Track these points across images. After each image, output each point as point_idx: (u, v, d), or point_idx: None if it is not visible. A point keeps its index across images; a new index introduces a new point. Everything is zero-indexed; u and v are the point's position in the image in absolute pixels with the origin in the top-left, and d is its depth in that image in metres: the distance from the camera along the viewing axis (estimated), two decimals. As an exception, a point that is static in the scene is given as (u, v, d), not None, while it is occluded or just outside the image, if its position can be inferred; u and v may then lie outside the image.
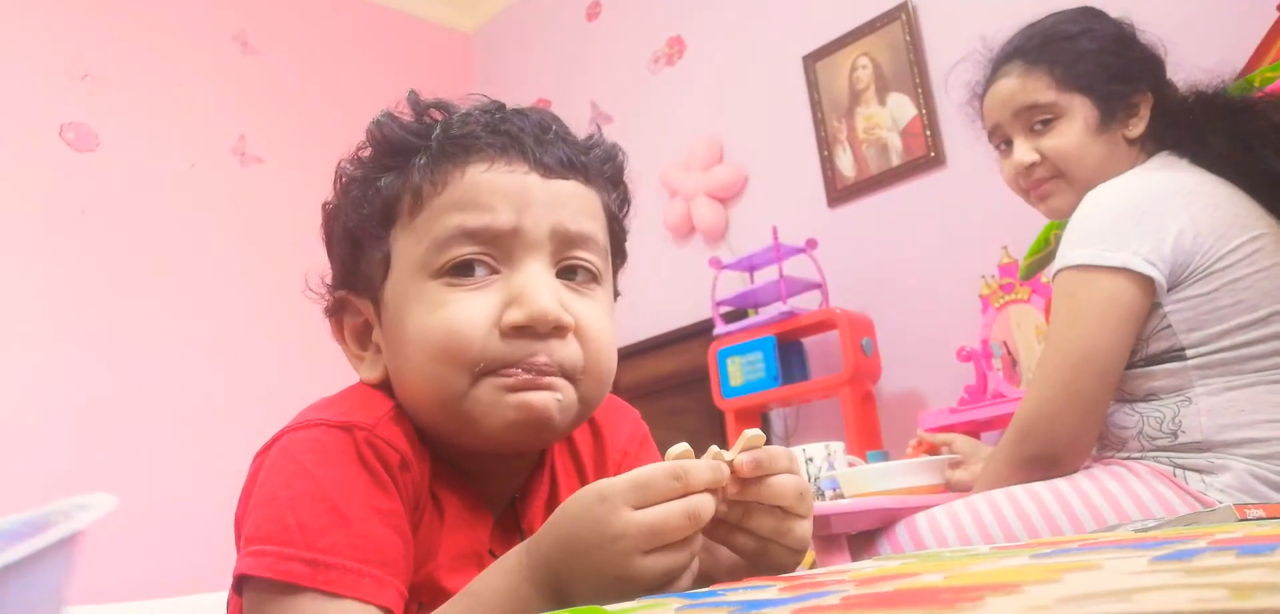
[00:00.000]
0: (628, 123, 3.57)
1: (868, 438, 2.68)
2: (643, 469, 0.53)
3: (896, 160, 2.93)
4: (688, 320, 3.28)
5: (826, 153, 3.08)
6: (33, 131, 3.01)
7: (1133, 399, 1.31)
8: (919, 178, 2.88)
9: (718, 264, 3.02)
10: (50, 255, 2.96)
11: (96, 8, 3.24)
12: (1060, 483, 1.28)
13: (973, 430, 2.41)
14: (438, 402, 0.66)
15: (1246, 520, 0.72)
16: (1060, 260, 1.31)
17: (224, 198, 3.36)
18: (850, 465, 1.74)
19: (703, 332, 3.16)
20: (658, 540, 0.52)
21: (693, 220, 3.37)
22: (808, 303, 2.94)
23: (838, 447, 1.77)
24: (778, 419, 3.12)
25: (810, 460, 1.74)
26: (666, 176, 3.42)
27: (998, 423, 2.42)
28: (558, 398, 0.66)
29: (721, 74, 3.37)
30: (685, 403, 3.25)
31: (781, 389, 2.79)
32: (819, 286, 2.93)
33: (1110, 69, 1.38)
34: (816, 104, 3.11)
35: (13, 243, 2.90)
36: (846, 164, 3.04)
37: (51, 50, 3.10)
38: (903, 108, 2.93)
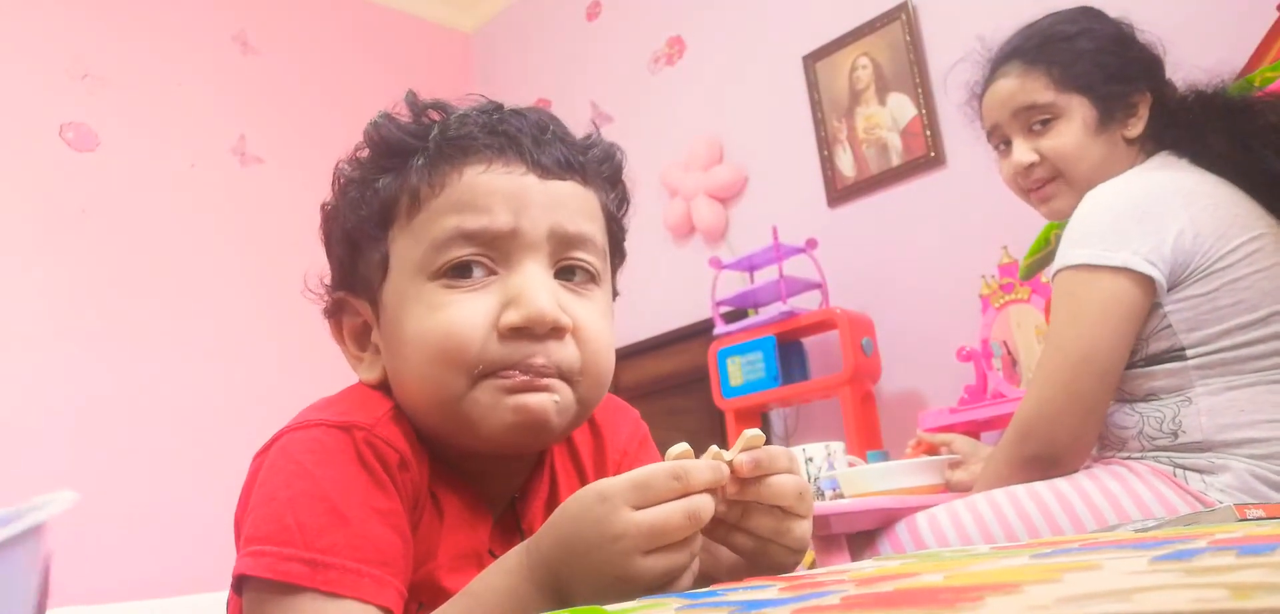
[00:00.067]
0: (628, 123, 3.57)
1: (868, 438, 2.68)
2: (643, 469, 0.53)
3: (896, 160, 2.93)
4: (688, 320, 3.28)
5: (826, 153, 3.08)
6: (33, 131, 3.01)
7: (1133, 399, 1.31)
8: (919, 178, 2.88)
9: (718, 264, 3.02)
10: (50, 255, 2.95)
11: (96, 8, 3.24)
12: (1061, 482, 1.28)
13: (973, 430, 2.41)
14: (436, 403, 0.66)
15: (1246, 520, 0.72)
16: (1060, 260, 1.31)
17: (224, 198, 3.36)
18: (850, 465, 1.74)
19: (703, 332, 3.16)
20: (658, 540, 0.52)
21: (693, 220, 3.37)
22: (808, 303, 2.94)
23: (838, 447, 1.77)
24: (778, 419, 3.12)
25: (810, 460, 1.74)
26: (666, 176, 3.42)
27: (998, 423, 2.42)
28: (555, 399, 0.66)
29: (721, 74, 3.37)
30: (685, 403, 3.25)
31: (781, 389, 2.79)
32: (819, 287, 2.93)
33: (1109, 69, 1.38)
34: (816, 104, 3.11)
35: (13, 243, 2.90)
36: (846, 164, 3.04)
37: (51, 50, 3.10)
38: (903, 108, 2.93)
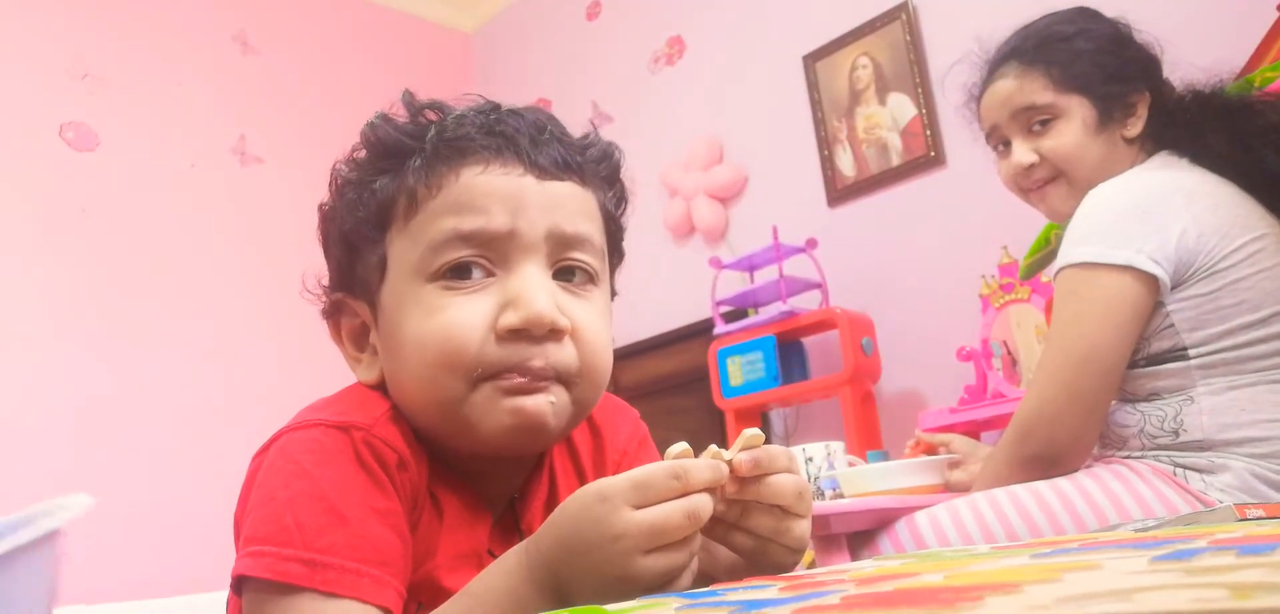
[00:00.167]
0: (628, 123, 3.57)
1: (868, 438, 2.68)
2: (643, 469, 0.53)
3: (896, 160, 2.93)
4: (688, 320, 3.28)
5: (826, 153, 3.08)
6: (33, 131, 3.01)
7: (1135, 398, 1.31)
8: (919, 178, 2.88)
9: (718, 264, 3.02)
10: (50, 255, 2.95)
11: (96, 8, 3.24)
12: (1062, 481, 1.27)
13: (972, 430, 2.41)
14: (434, 405, 0.66)
15: (1246, 520, 0.72)
16: (1063, 258, 1.30)
17: (224, 198, 3.36)
18: (850, 465, 1.74)
19: (703, 331, 3.16)
20: (658, 540, 0.52)
21: (693, 220, 3.36)
22: (808, 303, 2.94)
23: (838, 446, 1.77)
24: (778, 419, 3.12)
25: (810, 460, 1.74)
26: (666, 176, 3.42)
27: (998, 423, 2.42)
28: (552, 402, 0.66)
29: (721, 74, 3.37)
30: (685, 403, 3.25)
31: (781, 389, 2.79)
32: (819, 286, 2.93)
33: (1107, 69, 1.38)
34: (816, 104, 3.11)
35: (13, 243, 2.90)
36: (846, 164, 3.04)
37: (51, 50, 3.10)
38: (903, 107, 2.93)
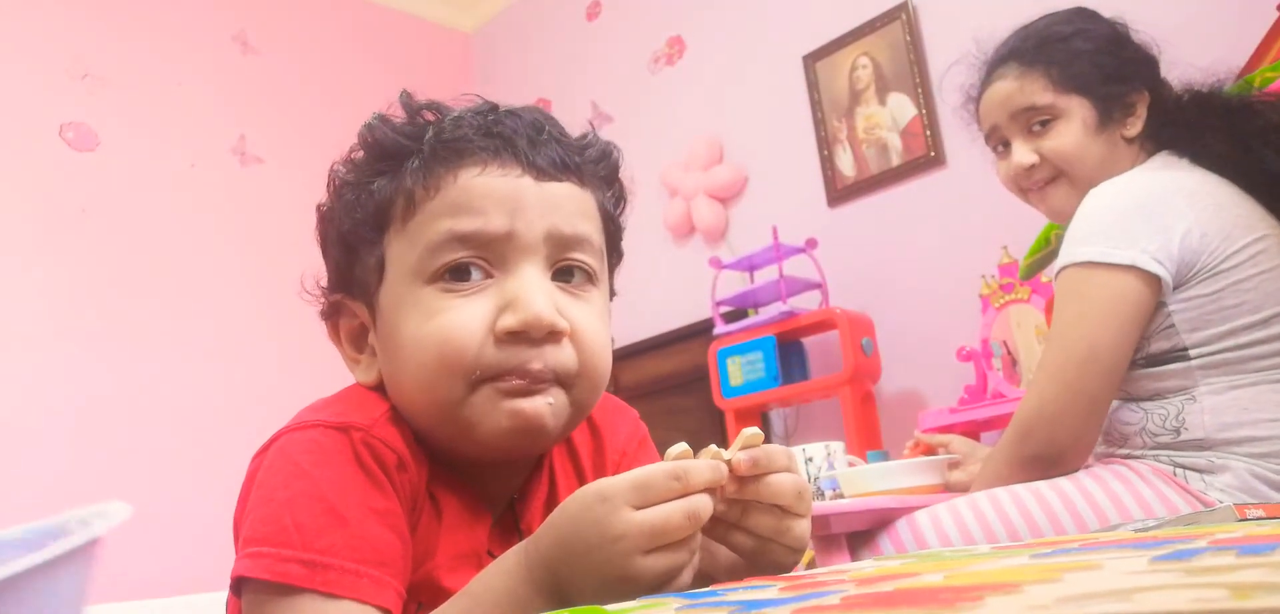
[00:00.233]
0: (628, 123, 3.57)
1: (868, 438, 2.68)
2: (643, 469, 0.53)
3: (896, 160, 2.93)
4: (688, 320, 3.28)
5: (826, 153, 3.08)
6: (33, 131, 3.01)
7: (1138, 398, 1.31)
8: (919, 178, 2.88)
9: (718, 264, 3.02)
10: (50, 255, 2.95)
11: (96, 8, 3.24)
12: (1062, 481, 1.27)
13: (972, 430, 2.41)
14: (433, 407, 0.66)
15: (1246, 520, 0.72)
16: (1064, 258, 1.30)
17: (224, 198, 3.36)
18: (850, 465, 1.74)
19: (703, 331, 3.16)
20: (658, 540, 0.52)
21: (693, 220, 3.36)
22: (808, 303, 2.94)
23: (838, 447, 1.77)
24: (778, 419, 3.12)
25: (810, 460, 1.74)
26: (666, 176, 3.42)
27: (998, 423, 2.42)
28: (550, 403, 0.66)
29: (721, 74, 3.37)
30: (685, 403, 3.25)
31: (781, 389, 2.79)
32: (819, 286, 2.93)
33: (1106, 69, 1.38)
34: (816, 104, 3.11)
35: (13, 243, 2.90)
36: (846, 164, 3.04)
37: (51, 50, 3.10)
38: (903, 108, 2.93)
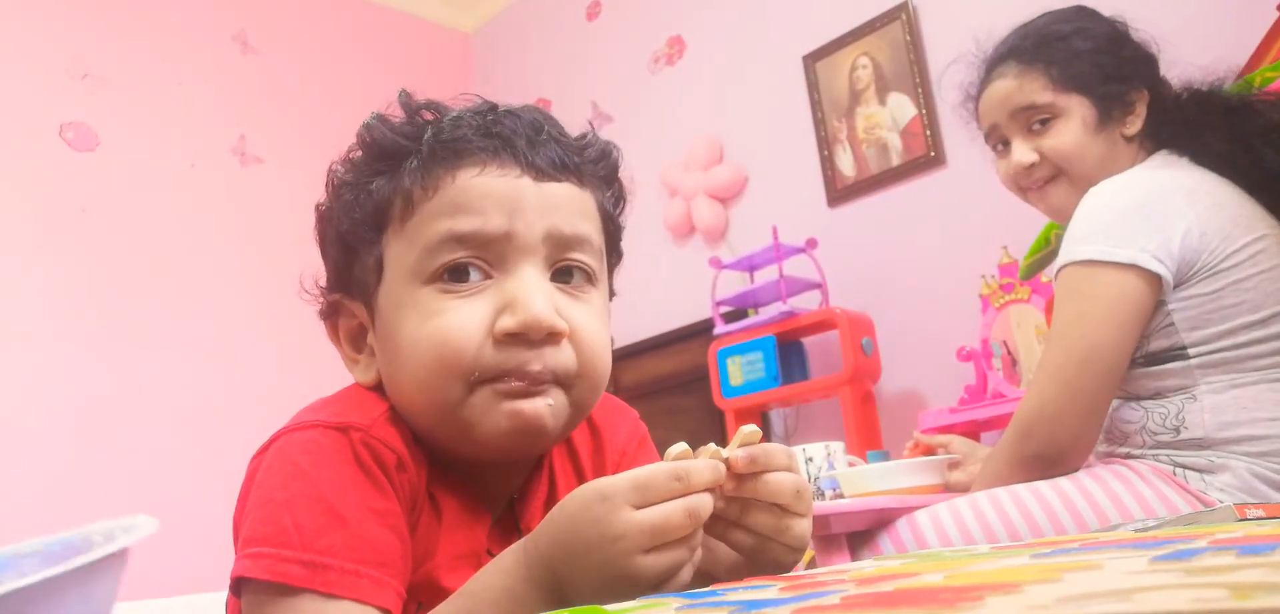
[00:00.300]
0: (628, 123, 3.57)
1: (868, 438, 2.68)
2: (644, 469, 0.53)
3: (896, 160, 2.93)
4: (688, 320, 3.28)
5: (826, 153, 3.08)
6: (33, 131, 3.01)
7: (1139, 397, 1.31)
8: (919, 178, 2.88)
9: (718, 264, 3.02)
10: (50, 255, 2.95)
11: (96, 8, 3.24)
12: (1063, 481, 1.27)
13: (972, 430, 2.41)
14: (432, 408, 0.66)
15: (1246, 520, 0.72)
16: (1064, 256, 1.30)
17: (224, 198, 3.36)
18: (850, 465, 1.74)
19: (703, 331, 3.16)
20: (659, 539, 0.52)
21: (693, 220, 3.36)
22: (808, 303, 2.93)
23: (838, 446, 1.77)
24: (778, 419, 3.12)
25: (810, 460, 1.74)
26: (666, 176, 3.42)
27: (998, 423, 2.42)
28: (550, 404, 0.65)
29: (721, 74, 3.37)
30: (685, 403, 3.25)
31: (781, 389, 2.79)
32: (819, 286, 2.93)
33: (1105, 68, 1.38)
34: (816, 104, 3.11)
35: (13, 243, 2.90)
36: (846, 164, 3.04)
37: (51, 50, 3.10)
38: (903, 107, 2.93)
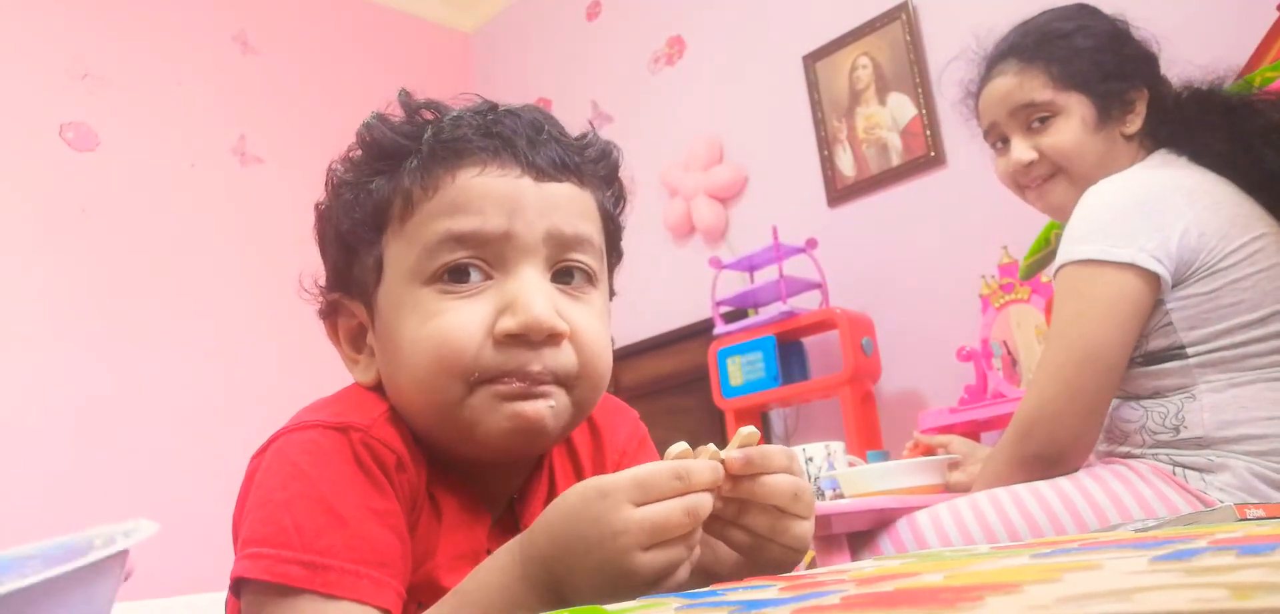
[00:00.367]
0: (628, 123, 3.57)
1: (868, 438, 2.68)
2: (645, 467, 0.53)
3: (896, 160, 2.93)
4: (688, 320, 3.28)
5: (826, 153, 3.08)
6: (33, 131, 3.01)
7: (1138, 396, 1.31)
8: (919, 178, 2.88)
9: (718, 264, 3.02)
10: (50, 255, 2.95)
11: (96, 8, 3.24)
12: (1063, 481, 1.27)
13: (972, 430, 2.41)
14: (432, 409, 0.66)
15: (1246, 520, 0.72)
16: (1063, 256, 1.30)
17: (224, 198, 3.36)
18: (850, 465, 1.74)
19: (703, 331, 3.16)
20: (658, 537, 0.52)
21: (693, 220, 3.36)
22: (808, 303, 2.93)
23: (838, 447, 1.77)
24: (778, 419, 3.12)
25: (810, 460, 1.74)
26: (666, 176, 3.42)
27: (998, 423, 2.42)
28: (551, 405, 0.65)
29: (721, 74, 3.37)
30: (685, 403, 3.25)
31: (781, 389, 2.79)
32: (819, 286, 2.93)
33: (1105, 67, 1.38)
34: (816, 104, 3.11)
35: (13, 243, 2.89)
36: (846, 164, 3.04)
37: (51, 50, 3.10)
38: (903, 107, 2.93)
